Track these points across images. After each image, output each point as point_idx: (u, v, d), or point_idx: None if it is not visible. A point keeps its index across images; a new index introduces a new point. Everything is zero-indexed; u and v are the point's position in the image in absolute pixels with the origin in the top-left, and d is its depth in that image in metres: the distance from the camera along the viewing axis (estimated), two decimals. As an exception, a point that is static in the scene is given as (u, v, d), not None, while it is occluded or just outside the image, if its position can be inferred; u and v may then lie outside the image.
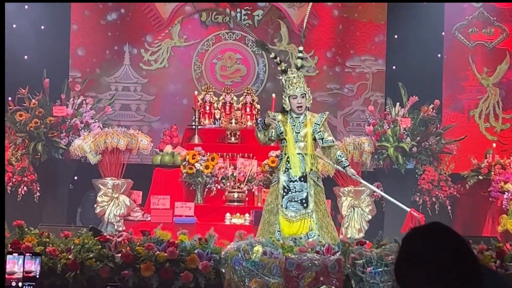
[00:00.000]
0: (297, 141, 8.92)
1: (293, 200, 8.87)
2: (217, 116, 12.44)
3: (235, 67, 13.72)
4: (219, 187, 11.54)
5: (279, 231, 8.74)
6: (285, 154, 8.92)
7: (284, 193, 8.87)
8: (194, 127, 12.23)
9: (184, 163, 11.53)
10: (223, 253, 7.62)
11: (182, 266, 7.60)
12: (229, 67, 13.74)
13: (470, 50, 13.75)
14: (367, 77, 13.83)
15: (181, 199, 11.49)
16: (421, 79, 13.00)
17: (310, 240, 8.26)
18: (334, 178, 11.57)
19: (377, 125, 12.28)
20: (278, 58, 9.39)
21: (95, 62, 13.57)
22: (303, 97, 8.96)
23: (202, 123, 12.34)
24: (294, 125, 8.96)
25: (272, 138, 9.10)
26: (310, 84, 13.75)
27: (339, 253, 7.72)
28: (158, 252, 7.64)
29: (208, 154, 11.60)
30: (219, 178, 11.56)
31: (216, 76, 13.70)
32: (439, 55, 13.66)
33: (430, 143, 12.25)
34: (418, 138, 12.21)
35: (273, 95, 12.52)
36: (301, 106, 8.95)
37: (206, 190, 11.57)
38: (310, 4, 9.94)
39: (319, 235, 8.65)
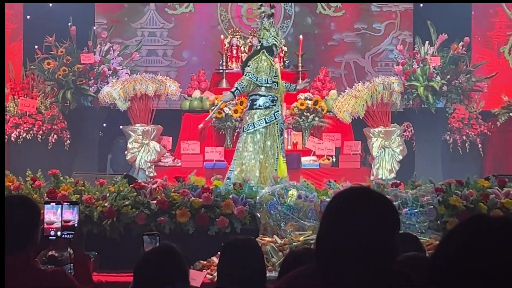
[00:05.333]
0: None
1: None
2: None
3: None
4: (248, 131, 11.51)
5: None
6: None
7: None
8: (221, 71, 12.17)
9: (212, 107, 11.50)
10: (258, 197, 7.63)
11: (217, 212, 7.62)
12: (255, 9, 13.57)
13: (499, -15, 13.52)
14: (395, 16, 13.65)
15: (210, 144, 11.49)
16: (449, 17, 12.80)
17: None
18: (364, 119, 11.51)
19: (406, 64, 12.15)
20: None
21: (121, 7, 13.48)
22: None
23: (229, 67, 12.26)
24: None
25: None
26: (337, 25, 13.64)
27: (374, 195, 7.69)
28: (193, 198, 7.66)
29: (237, 98, 11.54)
30: (249, 122, 11.51)
31: (242, 19, 13.58)
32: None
33: (460, 81, 12.12)
34: (448, 76, 12.08)
35: (300, 36, 12.39)
36: None
37: (236, 134, 11.55)
38: None
39: None
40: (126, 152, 11.51)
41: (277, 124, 9.82)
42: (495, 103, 12.74)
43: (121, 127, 11.81)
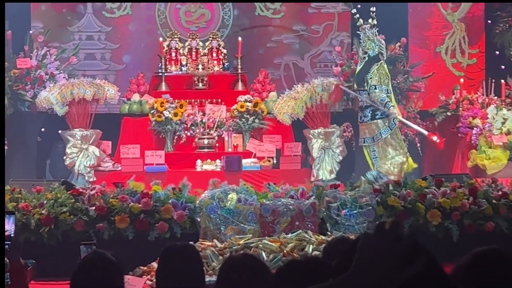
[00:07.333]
0: None
1: None
2: (184, 63, 12.31)
3: (199, 11, 13.53)
4: (188, 134, 11.49)
5: None
6: None
7: None
8: (160, 74, 12.11)
9: (152, 111, 11.45)
10: (197, 201, 7.61)
11: (157, 217, 7.60)
12: (193, 12, 13.54)
13: (434, -14, 13.66)
14: (333, 17, 13.71)
15: (151, 147, 11.42)
16: (386, 18, 12.88)
17: None
18: (304, 120, 11.55)
19: (345, 65, 12.23)
20: None
21: (57, 11, 13.31)
22: None
23: (168, 70, 12.21)
24: None
25: None
26: (276, 27, 13.67)
27: (314, 197, 7.74)
28: (132, 203, 7.62)
29: (176, 101, 11.51)
30: (189, 125, 11.50)
31: (180, 22, 13.52)
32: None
33: (398, 81, 12.25)
34: (386, 76, 12.17)
35: (239, 38, 12.40)
36: None
37: (176, 137, 11.51)
38: None
39: None
40: (65, 158, 11.38)
41: (398, 128, 11.14)
42: (433, 102, 12.90)
43: (59, 132, 11.67)
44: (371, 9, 11.33)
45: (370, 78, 10.82)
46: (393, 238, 2.22)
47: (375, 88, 10.81)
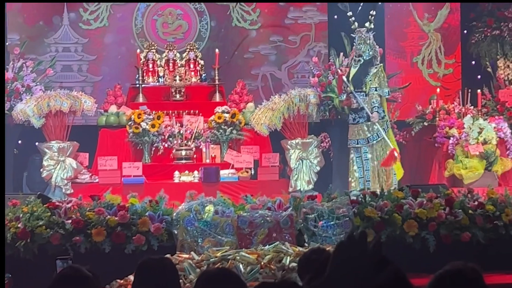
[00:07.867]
0: None
1: None
2: (161, 74, 12.30)
3: (176, 23, 13.53)
4: (166, 145, 11.48)
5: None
6: None
7: None
8: (138, 85, 12.10)
9: (130, 122, 11.42)
10: (174, 214, 7.61)
11: (133, 230, 7.59)
12: (170, 23, 13.54)
13: (410, -4, 13.74)
14: (310, 28, 13.75)
15: (128, 159, 11.40)
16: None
17: None
18: (282, 131, 11.57)
19: (322, 76, 12.25)
20: None
21: (34, 23, 13.27)
22: None
23: (146, 81, 12.20)
24: None
25: None
26: (253, 38, 13.70)
27: (291, 208, 7.75)
28: (109, 216, 7.60)
29: (154, 112, 11.50)
30: (166, 137, 11.49)
31: (158, 33, 13.50)
32: (379, 3, 13.60)
33: (375, 91, 12.26)
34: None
35: (217, 50, 12.41)
36: None
37: (154, 149, 11.49)
38: None
39: None
40: (42, 170, 11.34)
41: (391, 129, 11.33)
42: (410, 112, 12.96)
43: (36, 144, 11.63)
44: (371, 12, 11.58)
45: (370, 80, 11.02)
46: (361, 248, 2.26)
47: (376, 90, 11.00)
